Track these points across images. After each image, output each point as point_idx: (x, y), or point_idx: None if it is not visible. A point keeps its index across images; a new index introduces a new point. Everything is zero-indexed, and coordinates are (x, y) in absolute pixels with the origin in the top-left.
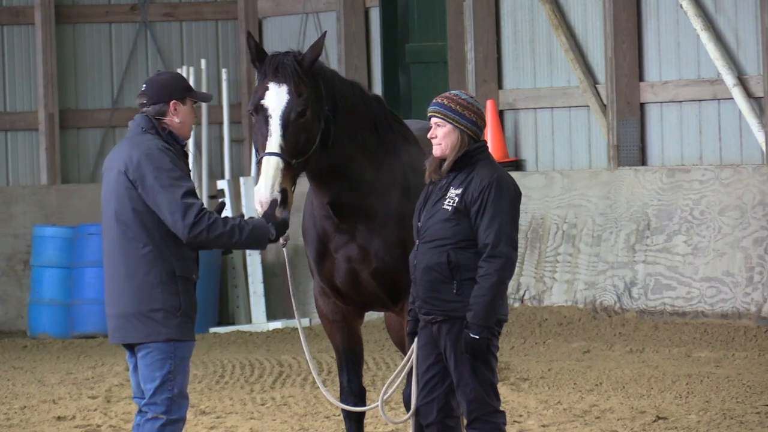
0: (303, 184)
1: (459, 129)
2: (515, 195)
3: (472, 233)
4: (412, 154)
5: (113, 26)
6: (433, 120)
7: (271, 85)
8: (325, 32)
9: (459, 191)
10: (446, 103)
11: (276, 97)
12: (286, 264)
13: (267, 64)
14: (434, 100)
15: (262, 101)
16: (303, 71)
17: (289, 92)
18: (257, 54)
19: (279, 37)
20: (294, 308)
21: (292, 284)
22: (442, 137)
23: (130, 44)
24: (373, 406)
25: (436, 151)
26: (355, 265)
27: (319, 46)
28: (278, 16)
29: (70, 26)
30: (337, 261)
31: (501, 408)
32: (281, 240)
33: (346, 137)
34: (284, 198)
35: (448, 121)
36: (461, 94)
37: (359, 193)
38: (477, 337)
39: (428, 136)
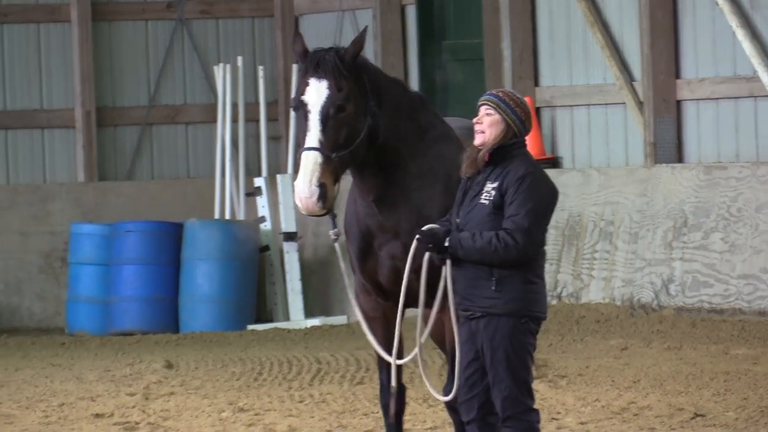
0: (345, 181)
1: (507, 121)
2: (548, 193)
3: None
4: (453, 151)
5: (149, 24)
6: (483, 108)
7: (312, 81)
8: (366, 27)
9: (495, 185)
10: (500, 95)
11: (316, 93)
12: (339, 258)
13: (308, 60)
14: (488, 92)
15: (303, 97)
16: (344, 66)
17: (329, 87)
18: (302, 51)
19: (315, 35)
20: (350, 298)
21: (348, 276)
22: (488, 125)
23: (167, 42)
24: (410, 356)
25: (478, 138)
26: (398, 262)
27: (360, 41)
28: (314, 14)
29: (107, 24)
30: (381, 258)
31: (535, 406)
32: (332, 235)
33: (391, 133)
34: (323, 193)
35: (498, 112)
36: (516, 92)
37: (403, 190)
38: (446, 245)
39: (473, 120)
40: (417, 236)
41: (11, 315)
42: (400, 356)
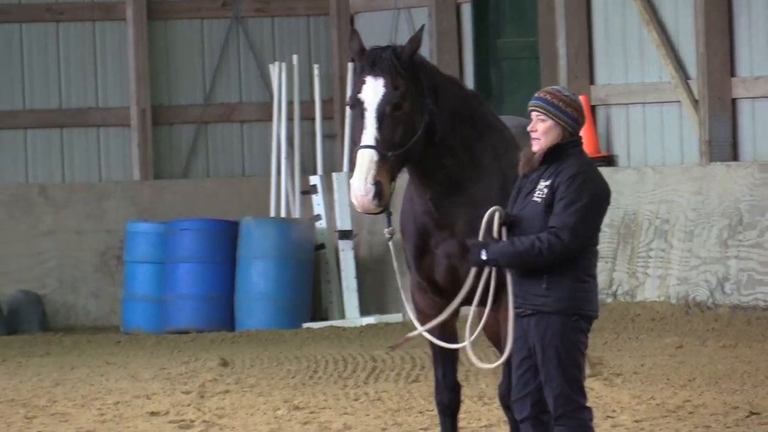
0: (401, 178)
1: (561, 125)
2: (600, 192)
3: None
4: (509, 150)
5: (205, 22)
6: (534, 114)
7: (368, 79)
8: (423, 26)
9: (548, 183)
10: (549, 98)
11: (372, 91)
12: (392, 257)
13: (365, 58)
14: (536, 95)
15: (359, 95)
16: (401, 65)
17: (386, 85)
18: (359, 49)
19: (371, 33)
20: (403, 299)
21: (400, 276)
22: (542, 132)
23: (222, 40)
24: (462, 344)
25: (535, 145)
26: (454, 261)
27: (417, 39)
28: (370, 12)
29: (162, 22)
30: (437, 257)
31: (588, 404)
32: (386, 233)
33: (447, 131)
34: (379, 191)
35: (550, 117)
36: (563, 90)
37: (460, 188)
38: (485, 258)
39: (528, 129)
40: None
41: (67, 313)
42: (455, 350)
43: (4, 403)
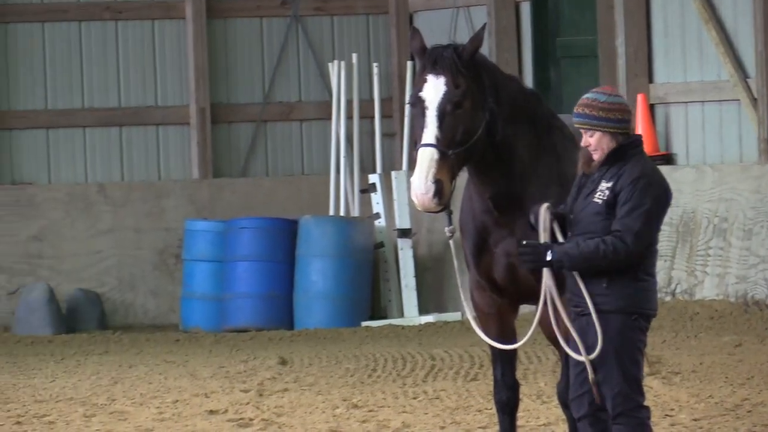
0: (461, 177)
1: (609, 132)
2: (662, 194)
3: None
4: (568, 149)
5: (264, 21)
6: (581, 130)
7: (430, 77)
8: (485, 24)
9: (609, 185)
10: (587, 112)
11: (433, 89)
12: (453, 256)
13: (426, 57)
14: (575, 110)
15: (420, 93)
16: (462, 63)
17: (447, 84)
18: (420, 48)
19: (430, 32)
20: (462, 297)
21: (461, 274)
22: (596, 145)
23: (281, 39)
24: (525, 339)
25: (595, 156)
26: (513, 259)
27: (479, 38)
28: (429, 11)
29: (221, 21)
30: (496, 255)
31: (646, 403)
32: (447, 232)
33: (507, 130)
34: (439, 189)
35: (595, 129)
36: (598, 96)
37: (520, 187)
38: (549, 260)
39: (582, 144)
40: (519, 251)
41: (125, 311)
42: (514, 353)
43: (63, 401)
